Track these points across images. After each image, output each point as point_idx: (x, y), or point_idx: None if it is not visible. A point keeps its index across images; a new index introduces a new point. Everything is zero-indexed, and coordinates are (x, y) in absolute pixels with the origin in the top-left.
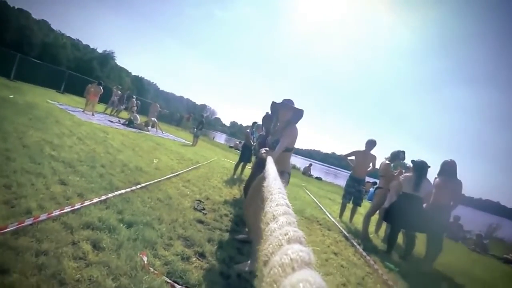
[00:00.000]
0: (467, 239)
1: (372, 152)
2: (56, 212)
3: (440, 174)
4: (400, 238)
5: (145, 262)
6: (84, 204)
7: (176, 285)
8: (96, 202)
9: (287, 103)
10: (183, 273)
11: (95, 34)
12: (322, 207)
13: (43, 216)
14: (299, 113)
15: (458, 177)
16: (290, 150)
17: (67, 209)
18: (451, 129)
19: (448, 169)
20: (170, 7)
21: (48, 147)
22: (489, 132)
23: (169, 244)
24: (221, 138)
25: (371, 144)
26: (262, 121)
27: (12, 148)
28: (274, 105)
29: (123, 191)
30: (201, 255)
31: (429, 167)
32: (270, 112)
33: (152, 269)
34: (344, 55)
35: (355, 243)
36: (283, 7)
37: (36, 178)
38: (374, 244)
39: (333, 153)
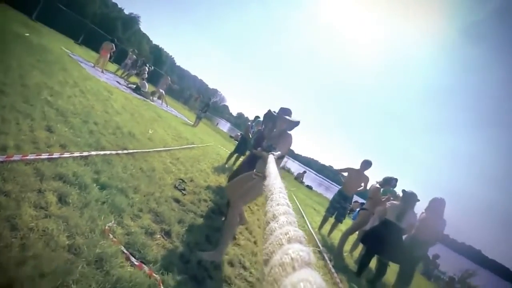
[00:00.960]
0: (439, 279)
1: (366, 172)
2: (31, 156)
3: (427, 209)
4: (372, 263)
5: (107, 227)
6: (62, 155)
7: (131, 257)
8: (76, 156)
9: (284, 116)
10: (143, 247)
11: None
12: (304, 216)
13: (16, 157)
14: (295, 123)
15: (445, 216)
16: (282, 157)
17: (44, 155)
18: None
19: (436, 207)
20: None
21: (46, 91)
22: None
23: (137, 216)
24: (225, 126)
25: (366, 164)
26: (263, 117)
27: (9, 83)
28: (271, 115)
29: (107, 152)
30: (167, 234)
31: (418, 200)
32: (264, 116)
33: (111, 236)
34: (372, 65)
35: (326, 258)
36: (308, 13)
37: (23, 118)
38: (346, 263)
39: (330, 166)
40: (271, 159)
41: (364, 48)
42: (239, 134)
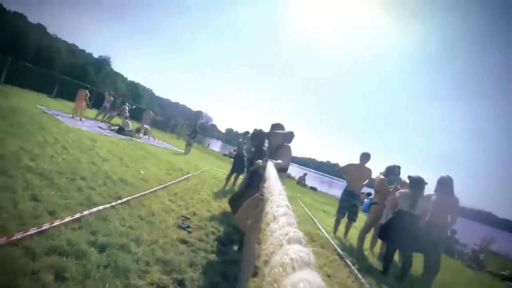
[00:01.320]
0: (463, 254)
1: (367, 165)
2: (18, 235)
3: (436, 190)
4: (396, 256)
5: None
6: (53, 225)
7: None
8: (68, 221)
9: (276, 131)
10: None
11: (92, 39)
12: (316, 222)
13: (0, 241)
14: (289, 136)
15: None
16: (285, 170)
17: (32, 230)
18: (446, 146)
19: (445, 185)
20: (166, 13)
21: (26, 157)
22: (481, 145)
23: (145, 271)
24: (216, 145)
25: (365, 157)
26: (251, 138)
27: None
28: (262, 134)
29: (101, 207)
30: (180, 283)
31: (426, 183)
32: (251, 136)
33: None
34: (346, 64)
35: (349, 263)
36: (282, 12)
37: (3, 193)
38: (369, 263)
39: (328, 162)
40: (269, 164)
41: (357, 47)
42: (232, 151)
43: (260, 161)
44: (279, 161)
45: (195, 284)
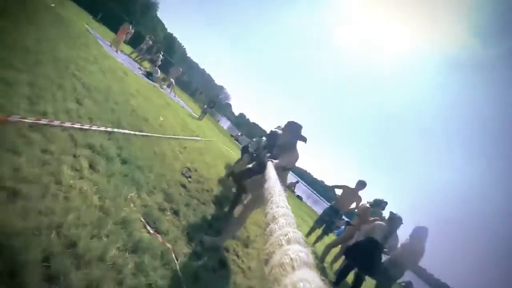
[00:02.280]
0: None
1: (360, 193)
2: (67, 124)
3: (410, 236)
4: (350, 276)
5: (129, 196)
6: (92, 127)
7: (147, 225)
8: (102, 130)
9: (279, 130)
10: (157, 220)
11: None
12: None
13: (56, 122)
14: (293, 128)
15: (426, 247)
16: (289, 169)
17: (77, 125)
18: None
19: (418, 235)
20: None
21: (73, 65)
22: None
23: (152, 192)
24: (225, 123)
25: (361, 185)
26: (267, 136)
27: (43, 51)
28: (275, 133)
29: (127, 131)
30: (175, 213)
31: (402, 223)
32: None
33: (132, 205)
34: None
35: None
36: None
37: (57, 88)
38: (325, 273)
39: (322, 181)
40: (269, 165)
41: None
42: (239, 134)
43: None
44: (277, 161)
45: (186, 219)
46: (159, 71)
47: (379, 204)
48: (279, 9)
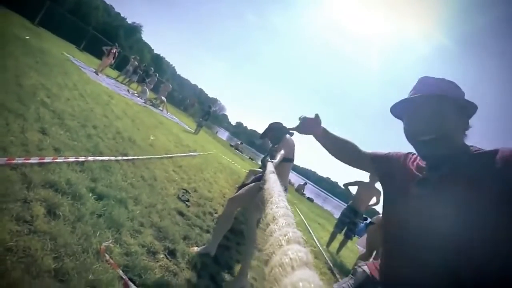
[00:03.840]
0: None
1: (377, 185)
2: (19, 160)
3: None
4: None
5: (103, 246)
6: (55, 160)
7: (131, 284)
8: (71, 161)
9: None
10: (144, 271)
11: (128, 4)
12: (311, 232)
13: (0, 160)
14: (278, 127)
15: None
16: (289, 160)
17: (34, 159)
18: None
19: None
20: (206, 3)
21: (43, 92)
22: None
23: (138, 231)
24: (224, 134)
25: (375, 177)
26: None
27: (3, 82)
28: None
29: (105, 158)
30: (171, 253)
31: None
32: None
33: (107, 257)
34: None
35: (339, 279)
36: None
37: (15, 118)
38: None
39: (328, 178)
40: (269, 165)
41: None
42: (239, 143)
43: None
44: (278, 156)
45: (185, 258)
46: (147, 91)
47: None
48: (265, 14)
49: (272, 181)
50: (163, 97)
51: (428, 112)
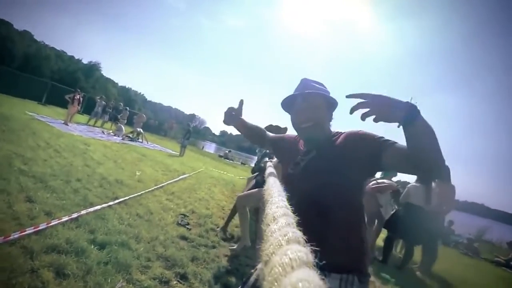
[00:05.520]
0: (458, 244)
1: None
2: (15, 235)
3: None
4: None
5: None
6: (50, 224)
7: None
8: (65, 221)
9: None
10: None
11: (80, 45)
12: None
13: None
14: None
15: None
16: None
17: (29, 230)
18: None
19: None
20: (156, 17)
21: (18, 161)
22: (469, 137)
23: (146, 266)
24: (210, 147)
25: None
26: None
27: None
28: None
29: (98, 207)
30: (183, 277)
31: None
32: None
33: None
34: (335, 61)
35: None
36: (275, 17)
37: None
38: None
39: None
40: (269, 165)
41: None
42: (227, 151)
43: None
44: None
45: (198, 278)
46: (123, 127)
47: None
48: (217, 16)
49: (272, 182)
50: (138, 129)
51: (307, 106)
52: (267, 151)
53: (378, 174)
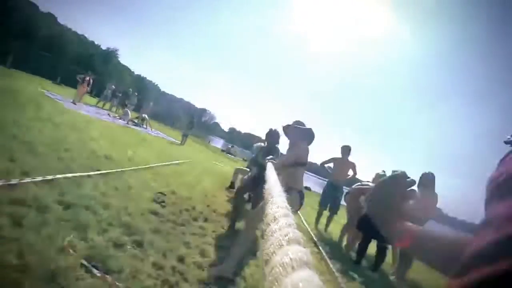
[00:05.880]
0: None
1: (350, 158)
2: None
3: (418, 186)
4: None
5: (66, 242)
6: (22, 181)
7: (93, 269)
8: (39, 180)
9: (291, 126)
10: (108, 258)
11: (101, 32)
12: (299, 213)
13: None
14: (306, 132)
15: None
16: (301, 165)
17: (0, 182)
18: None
19: (427, 181)
20: (175, 11)
21: (12, 126)
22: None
23: (105, 230)
24: (218, 143)
25: (346, 150)
26: (266, 136)
27: None
28: (277, 132)
29: (76, 174)
30: (139, 244)
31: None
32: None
33: (71, 251)
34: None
35: (322, 250)
36: (285, 15)
37: None
38: (346, 254)
39: (315, 164)
40: (269, 165)
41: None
42: (230, 146)
43: (271, 156)
44: (281, 160)
45: (153, 246)
46: (129, 112)
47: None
48: (240, 13)
49: (273, 182)
50: (144, 115)
51: None
52: (267, 149)
53: (378, 175)
